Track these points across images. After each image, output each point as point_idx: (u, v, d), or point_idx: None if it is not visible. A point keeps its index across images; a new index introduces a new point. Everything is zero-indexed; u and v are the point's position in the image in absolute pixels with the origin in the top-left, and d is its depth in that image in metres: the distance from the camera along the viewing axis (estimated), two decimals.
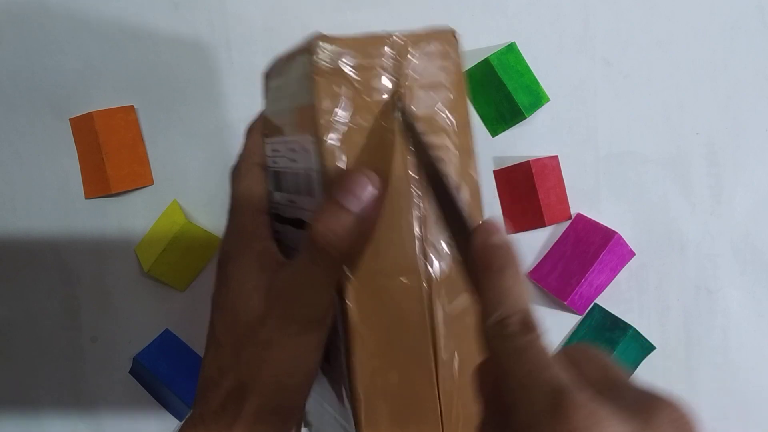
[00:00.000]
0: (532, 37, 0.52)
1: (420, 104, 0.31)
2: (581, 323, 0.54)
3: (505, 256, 0.24)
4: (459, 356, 0.32)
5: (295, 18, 0.52)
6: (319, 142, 0.30)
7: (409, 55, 0.31)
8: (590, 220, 0.52)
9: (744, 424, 0.54)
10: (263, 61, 0.37)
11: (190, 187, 0.54)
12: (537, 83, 0.52)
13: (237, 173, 0.36)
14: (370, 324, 0.30)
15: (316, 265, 0.28)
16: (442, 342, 0.31)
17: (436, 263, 0.31)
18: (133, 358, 0.54)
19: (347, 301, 0.30)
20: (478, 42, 0.52)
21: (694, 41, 0.52)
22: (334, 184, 0.29)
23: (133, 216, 0.54)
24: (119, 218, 0.54)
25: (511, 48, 0.51)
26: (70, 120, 0.53)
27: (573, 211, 0.53)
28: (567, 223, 0.53)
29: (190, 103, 0.53)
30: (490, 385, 0.24)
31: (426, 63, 0.31)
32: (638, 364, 0.53)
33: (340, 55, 0.30)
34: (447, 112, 0.32)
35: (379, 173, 0.30)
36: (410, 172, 0.31)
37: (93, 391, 0.55)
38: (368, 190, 0.29)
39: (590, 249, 0.51)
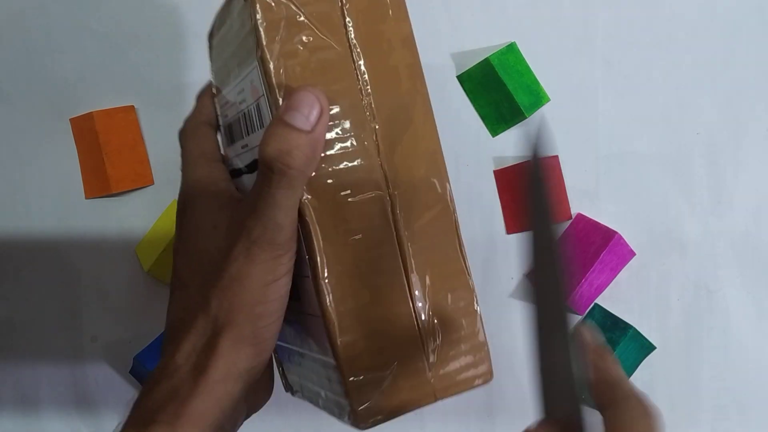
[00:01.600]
0: (532, 37, 0.52)
1: (362, 22, 0.31)
2: (581, 323, 0.54)
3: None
4: (431, 270, 0.32)
5: None
6: (264, 63, 0.29)
7: None
8: (590, 220, 0.52)
9: (744, 424, 0.54)
10: None
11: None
12: (537, 83, 0.52)
13: (184, 133, 0.36)
14: (335, 242, 0.30)
15: (273, 187, 0.28)
16: (412, 257, 0.31)
17: (395, 180, 0.31)
18: (134, 358, 0.54)
19: (307, 220, 0.30)
20: (478, 42, 0.52)
21: (694, 41, 0.52)
22: (281, 104, 0.29)
23: (133, 216, 0.54)
24: (119, 218, 0.54)
25: (511, 48, 0.51)
26: (70, 120, 0.53)
27: (573, 211, 0.53)
28: (567, 223, 0.53)
29: (190, 103, 0.53)
30: None
31: None
32: (638, 364, 0.53)
33: None
34: (389, 30, 0.32)
35: (329, 90, 0.30)
36: (356, 92, 0.31)
37: (93, 391, 0.55)
38: (315, 108, 0.28)
39: (590, 249, 0.51)
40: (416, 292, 0.31)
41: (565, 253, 0.27)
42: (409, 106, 0.32)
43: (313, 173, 0.30)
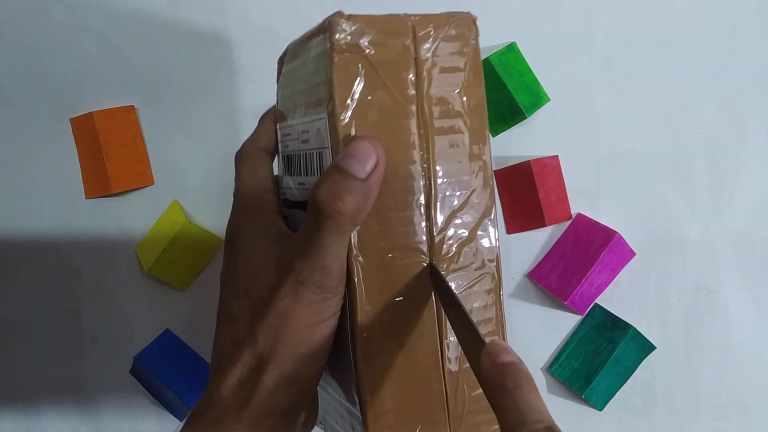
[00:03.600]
0: (532, 37, 0.52)
1: (437, 86, 0.31)
2: (581, 323, 0.54)
3: (517, 372, 0.24)
4: (466, 336, 0.32)
5: (296, 17, 0.52)
6: (334, 119, 0.30)
7: (428, 37, 0.31)
8: (590, 219, 0.52)
9: (744, 424, 0.54)
10: (263, 60, 0.37)
11: (191, 187, 0.54)
12: (537, 83, 0.52)
13: (240, 157, 0.36)
14: (377, 302, 0.30)
15: (323, 231, 0.28)
16: (447, 323, 0.31)
17: (443, 245, 0.31)
18: (134, 358, 0.54)
19: (354, 279, 0.30)
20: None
21: (694, 41, 0.52)
22: (339, 152, 0.29)
23: (133, 216, 0.54)
24: (119, 218, 0.54)
25: (511, 48, 0.51)
26: (71, 120, 0.53)
27: (573, 211, 0.53)
28: (567, 223, 0.53)
29: (190, 103, 0.53)
30: None
31: (444, 45, 0.32)
32: (638, 364, 0.53)
33: (359, 34, 0.30)
34: (462, 95, 0.32)
35: (390, 150, 0.30)
36: (418, 157, 0.31)
37: (93, 391, 0.55)
38: (372, 158, 0.29)
39: (591, 249, 0.51)
40: (448, 358, 0.32)
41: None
42: (469, 173, 0.32)
43: (364, 224, 0.30)
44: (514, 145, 0.53)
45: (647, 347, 0.53)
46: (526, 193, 0.52)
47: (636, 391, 0.54)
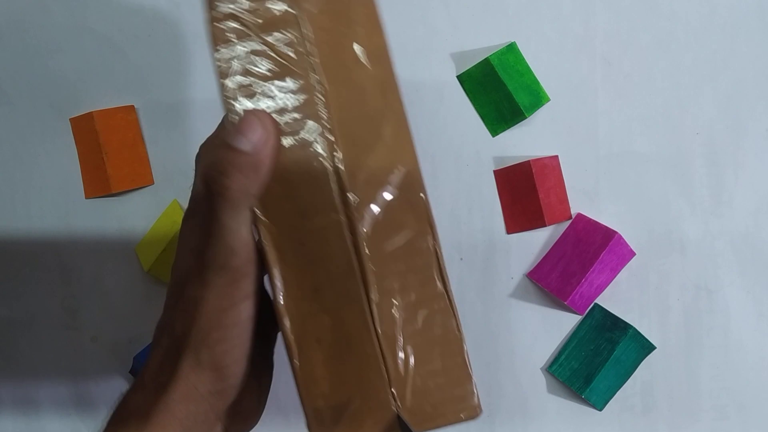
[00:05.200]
0: (532, 37, 0.52)
1: (328, 39, 0.30)
2: (581, 323, 0.54)
3: None
4: (399, 295, 0.31)
5: None
6: (221, 91, 0.30)
7: None
8: (590, 219, 0.52)
9: (744, 424, 0.54)
10: None
11: (191, 187, 0.54)
12: (537, 83, 0.52)
13: (198, 157, 0.36)
14: (293, 267, 0.30)
15: (217, 208, 0.28)
16: (374, 282, 0.30)
17: (359, 202, 0.30)
18: (134, 358, 0.54)
19: (264, 245, 0.29)
20: (478, 42, 0.52)
21: (694, 41, 0.52)
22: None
23: (133, 216, 0.54)
24: (119, 218, 0.54)
25: (511, 48, 0.51)
26: (71, 120, 0.53)
27: (573, 211, 0.53)
28: (567, 223, 0.53)
29: (190, 103, 0.53)
30: None
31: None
32: (638, 364, 0.53)
33: (234, 1, 0.30)
34: (360, 45, 0.31)
35: (286, 111, 0.30)
36: (317, 112, 0.30)
37: (93, 391, 0.55)
38: (257, 130, 0.28)
39: (590, 249, 0.51)
40: (378, 320, 0.30)
41: None
42: (378, 122, 0.31)
43: (261, 194, 0.29)
44: (514, 145, 0.53)
45: (647, 347, 0.53)
46: (526, 193, 0.52)
47: (636, 391, 0.54)
